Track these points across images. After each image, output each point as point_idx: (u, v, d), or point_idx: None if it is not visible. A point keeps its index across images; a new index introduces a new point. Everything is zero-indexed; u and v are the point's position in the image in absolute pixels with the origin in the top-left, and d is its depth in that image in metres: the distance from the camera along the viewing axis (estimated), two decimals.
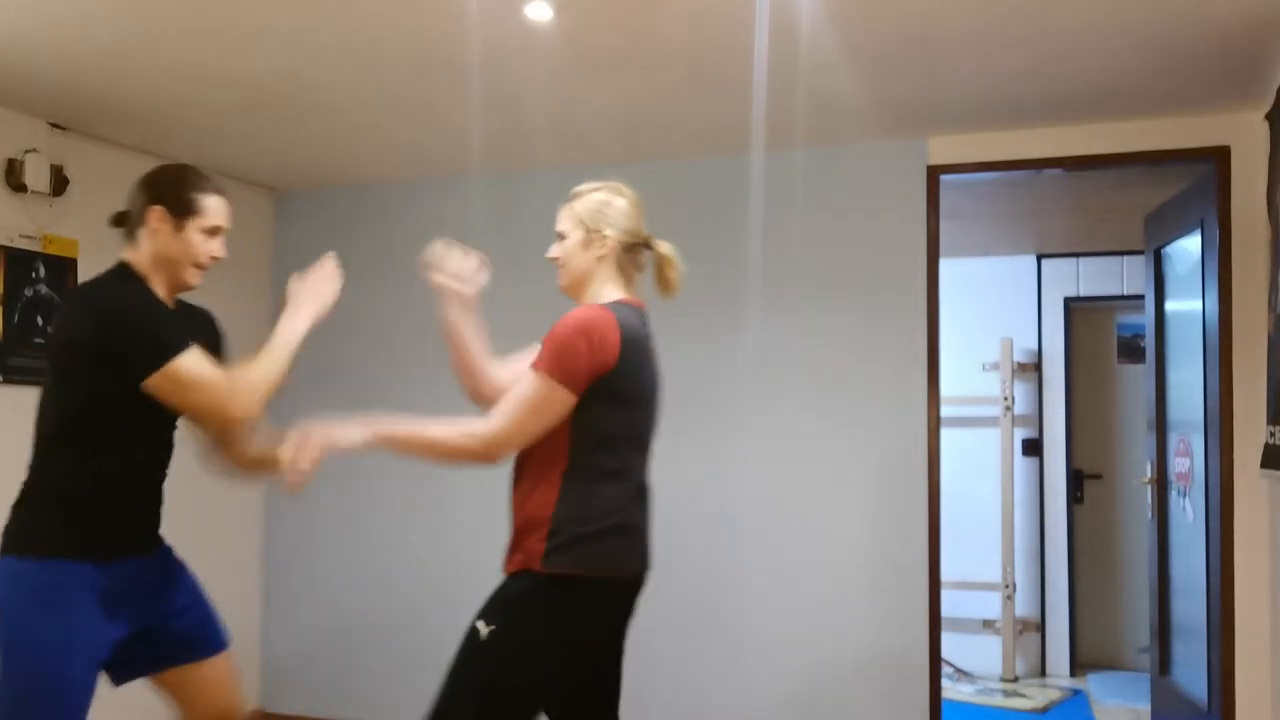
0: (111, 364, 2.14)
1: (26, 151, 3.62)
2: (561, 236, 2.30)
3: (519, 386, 2.12)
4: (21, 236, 3.64)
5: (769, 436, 3.95)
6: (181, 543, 4.54)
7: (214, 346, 2.46)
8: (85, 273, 3.87)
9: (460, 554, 4.37)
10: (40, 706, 2.10)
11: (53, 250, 3.75)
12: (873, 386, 3.85)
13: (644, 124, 3.71)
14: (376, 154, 4.16)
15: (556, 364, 2.09)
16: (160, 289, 2.33)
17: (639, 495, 2.25)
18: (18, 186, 3.59)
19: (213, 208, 2.32)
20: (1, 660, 2.13)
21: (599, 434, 2.14)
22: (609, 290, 2.26)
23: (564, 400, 2.10)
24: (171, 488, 4.48)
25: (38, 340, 3.68)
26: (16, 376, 3.61)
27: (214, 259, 2.36)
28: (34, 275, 3.68)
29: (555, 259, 2.31)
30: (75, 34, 2.93)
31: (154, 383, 2.13)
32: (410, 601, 4.42)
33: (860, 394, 3.86)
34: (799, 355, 3.94)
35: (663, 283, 2.32)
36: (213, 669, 2.42)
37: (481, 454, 2.11)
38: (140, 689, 2.43)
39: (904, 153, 3.86)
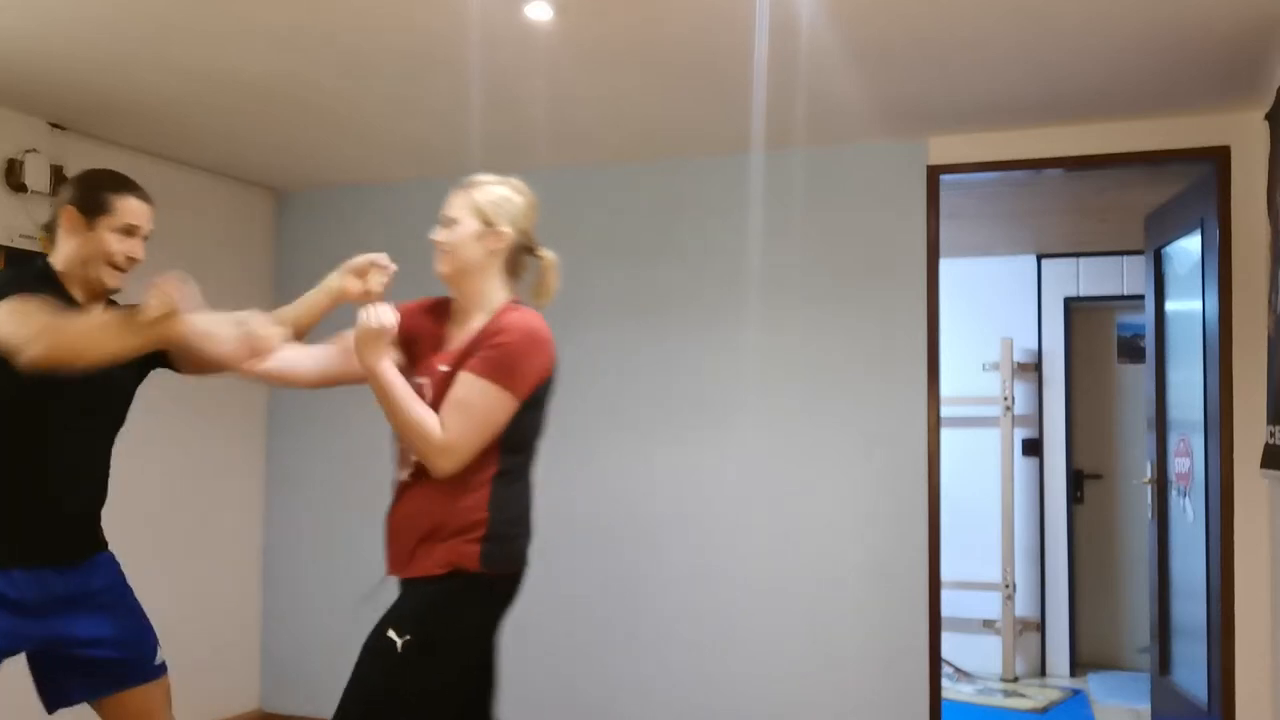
0: None
1: (26, 151, 3.62)
2: (452, 222, 2.21)
3: (470, 395, 2.07)
4: (21, 236, 3.64)
5: (768, 436, 3.95)
6: (182, 543, 4.54)
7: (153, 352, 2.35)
8: None
9: None
10: None
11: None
12: (873, 386, 3.84)
13: (644, 124, 3.71)
14: (376, 154, 4.16)
15: (513, 377, 2.08)
16: (78, 291, 2.30)
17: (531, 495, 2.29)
18: (18, 186, 3.59)
19: (127, 208, 2.28)
20: None
21: (523, 438, 2.16)
22: (498, 289, 2.22)
23: (512, 411, 2.10)
24: (172, 487, 4.48)
25: None
26: None
27: (131, 260, 2.32)
28: None
29: (440, 243, 2.22)
30: (75, 34, 2.93)
31: None
32: None
33: (860, 394, 3.86)
34: (799, 355, 3.94)
35: (542, 289, 2.27)
36: (144, 695, 2.37)
37: (437, 458, 2.07)
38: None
39: (904, 153, 3.86)
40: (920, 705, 3.72)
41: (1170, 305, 4.21)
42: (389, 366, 2.10)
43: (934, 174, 3.83)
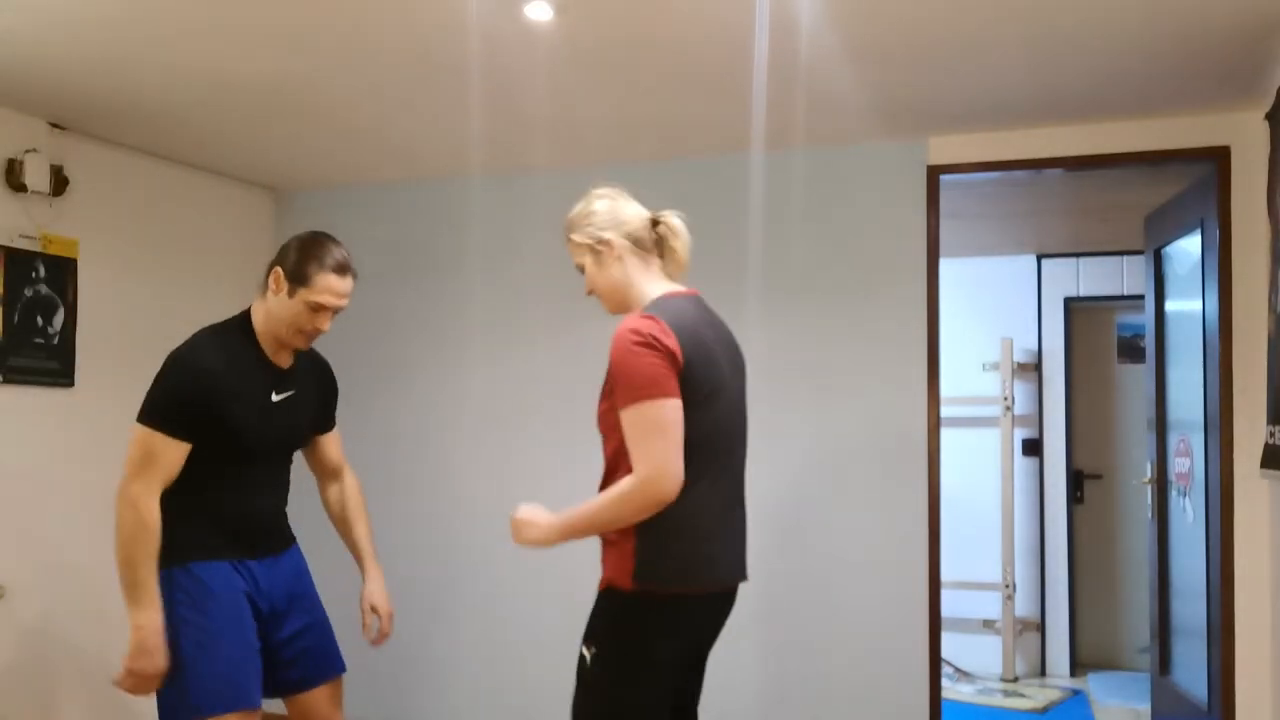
0: None
1: (26, 151, 3.62)
2: (581, 270, 2.26)
3: (629, 429, 2.01)
4: (21, 236, 3.64)
5: (767, 436, 3.95)
6: None
7: (322, 394, 2.72)
8: (85, 272, 3.87)
9: (459, 558, 4.36)
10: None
11: (53, 250, 3.75)
12: (873, 386, 3.85)
13: (644, 124, 3.71)
14: (376, 154, 4.16)
15: (637, 388, 1.98)
16: (268, 342, 2.52)
17: (720, 502, 2.14)
18: (18, 186, 3.59)
19: (326, 286, 2.43)
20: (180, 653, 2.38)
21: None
22: (646, 288, 2.18)
23: (675, 407, 1.99)
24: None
25: (38, 340, 3.68)
26: (16, 377, 3.60)
27: (317, 332, 2.50)
28: (34, 275, 3.68)
29: (591, 294, 2.27)
30: (75, 34, 2.93)
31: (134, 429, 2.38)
32: (409, 603, 4.41)
33: (860, 394, 3.86)
34: (798, 355, 3.94)
35: (670, 255, 2.23)
36: (332, 691, 2.65)
37: (653, 494, 1.99)
38: None
39: (904, 153, 3.86)
40: (920, 705, 3.72)
41: (1170, 305, 4.21)
42: (556, 520, 2.11)
43: (934, 174, 3.83)
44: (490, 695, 4.29)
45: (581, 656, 2.08)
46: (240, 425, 2.43)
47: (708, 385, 2.07)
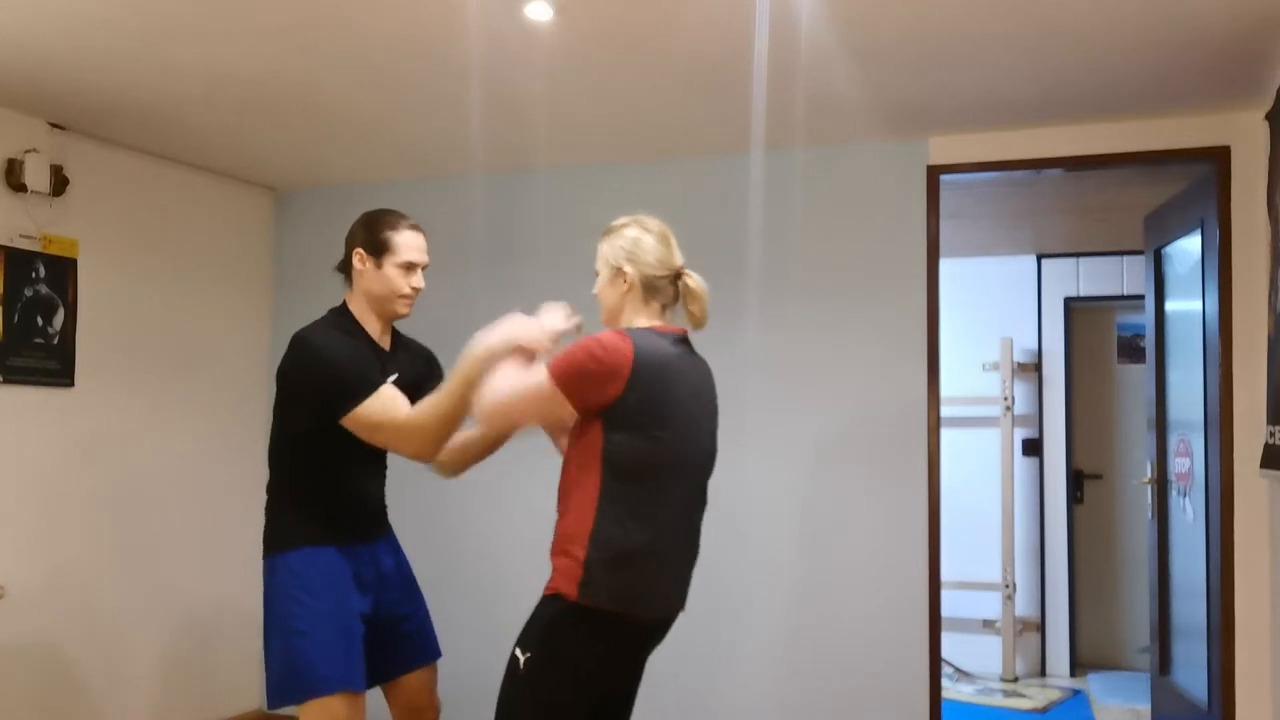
0: (308, 404, 2.44)
1: (26, 151, 3.62)
2: (597, 274, 2.36)
3: (523, 375, 2.20)
4: (21, 236, 3.64)
5: (768, 436, 3.95)
6: (182, 541, 4.52)
7: (426, 379, 2.69)
8: (85, 273, 3.87)
9: (460, 560, 4.36)
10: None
11: (53, 250, 3.75)
12: (872, 386, 3.84)
13: (644, 124, 3.71)
14: (376, 154, 4.16)
15: (561, 371, 2.12)
16: (373, 323, 2.58)
17: (671, 535, 2.22)
18: (18, 186, 3.59)
19: (407, 243, 2.53)
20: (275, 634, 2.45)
21: (630, 464, 2.13)
22: (634, 321, 2.30)
23: (556, 403, 2.14)
24: (175, 484, 4.46)
25: (38, 340, 3.68)
26: (16, 377, 3.61)
27: (416, 289, 2.57)
28: (34, 275, 3.68)
29: (596, 295, 2.38)
30: (75, 34, 2.93)
31: (347, 422, 2.40)
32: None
33: (860, 394, 3.86)
34: (798, 355, 3.94)
35: (688, 315, 2.35)
36: (427, 675, 2.68)
37: (479, 414, 2.24)
38: None
39: (904, 153, 3.86)
40: (920, 705, 3.72)
41: (1170, 305, 4.21)
42: (481, 355, 2.35)
43: (934, 174, 3.83)
44: None
45: (514, 658, 2.13)
46: None
47: (659, 414, 2.15)
